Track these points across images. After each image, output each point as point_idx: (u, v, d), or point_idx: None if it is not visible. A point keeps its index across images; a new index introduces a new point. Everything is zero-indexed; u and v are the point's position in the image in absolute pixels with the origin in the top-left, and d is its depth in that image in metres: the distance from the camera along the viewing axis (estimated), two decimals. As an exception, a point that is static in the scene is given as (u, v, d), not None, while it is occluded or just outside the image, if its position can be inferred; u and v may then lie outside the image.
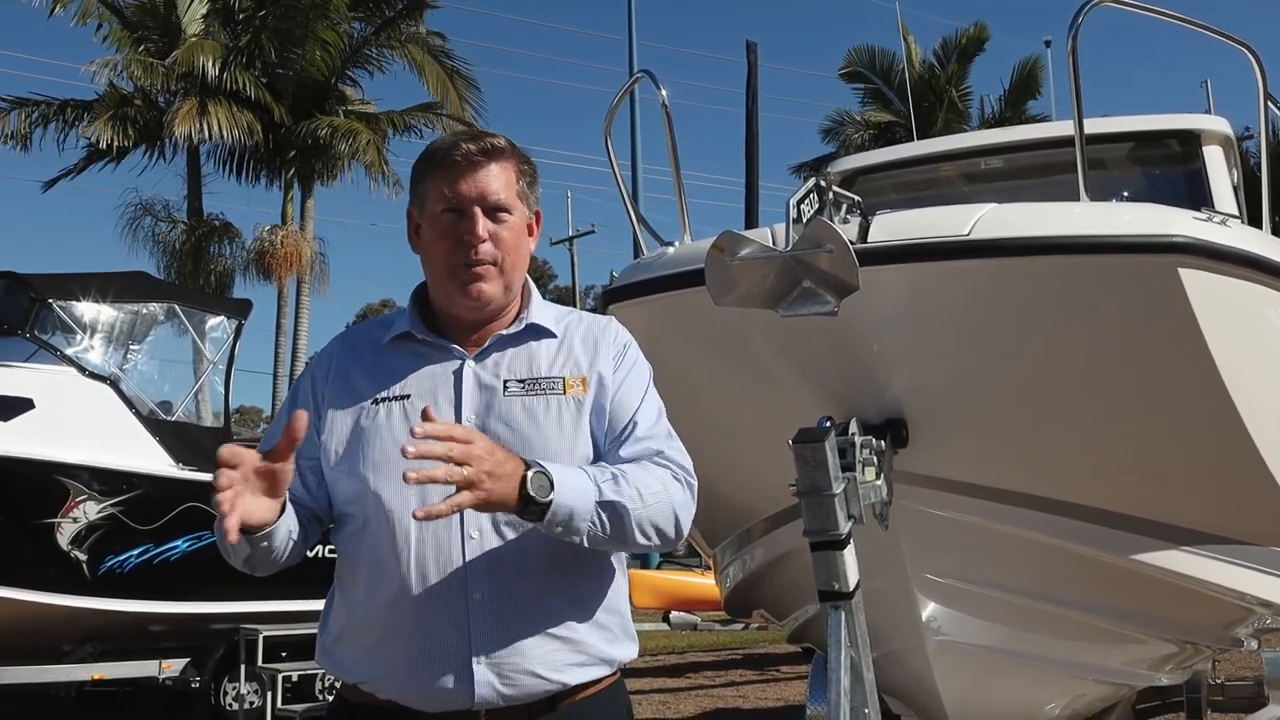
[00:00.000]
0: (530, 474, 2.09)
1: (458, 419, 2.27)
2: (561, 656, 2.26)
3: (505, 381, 2.33)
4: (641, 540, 2.26)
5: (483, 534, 2.23)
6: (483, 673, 2.20)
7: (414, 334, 2.37)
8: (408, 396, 2.31)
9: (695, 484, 2.37)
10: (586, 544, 2.19)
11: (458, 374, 2.33)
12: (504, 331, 2.37)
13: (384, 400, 2.31)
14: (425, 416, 2.05)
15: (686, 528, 2.35)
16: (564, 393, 2.32)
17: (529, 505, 2.09)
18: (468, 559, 2.22)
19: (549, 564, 2.26)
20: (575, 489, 2.15)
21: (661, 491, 2.27)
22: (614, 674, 2.37)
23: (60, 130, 23.73)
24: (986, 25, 31.87)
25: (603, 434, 2.34)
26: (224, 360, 11.36)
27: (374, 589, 2.26)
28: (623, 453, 2.31)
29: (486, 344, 2.36)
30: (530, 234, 2.42)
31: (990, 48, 31.90)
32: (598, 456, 2.32)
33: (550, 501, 2.10)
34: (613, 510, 2.19)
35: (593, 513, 2.17)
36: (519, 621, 2.22)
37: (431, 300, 2.41)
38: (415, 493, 2.21)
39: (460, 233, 2.30)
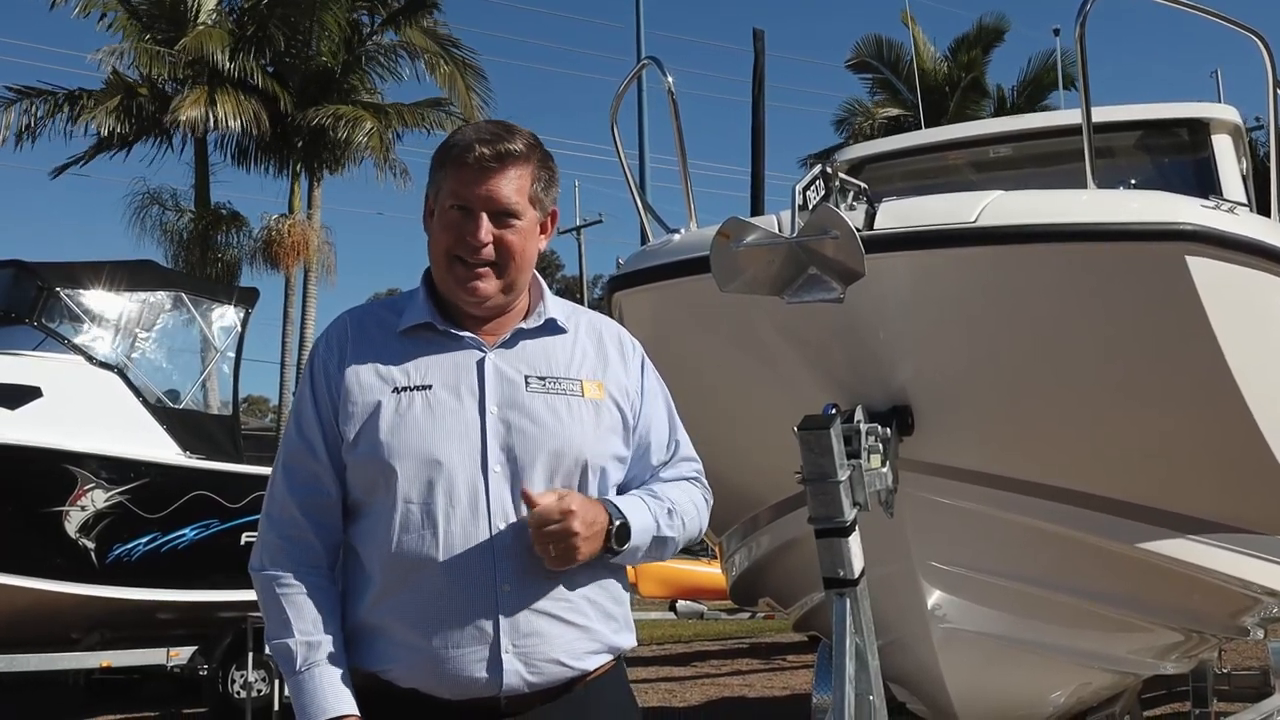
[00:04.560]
0: (614, 528, 2.31)
1: (481, 410, 2.31)
2: (580, 645, 2.32)
3: (527, 377, 2.37)
4: (671, 554, 2.54)
5: (509, 524, 2.27)
6: (511, 661, 2.24)
7: (434, 325, 2.39)
8: (429, 386, 2.33)
9: (711, 501, 2.61)
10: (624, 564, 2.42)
11: (480, 365, 2.36)
12: (524, 325, 2.41)
13: (405, 389, 2.32)
14: (527, 499, 2.24)
15: None
16: (582, 394, 2.38)
17: (606, 553, 2.32)
18: (495, 550, 2.25)
19: None
20: (641, 529, 2.37)
21: (697, 516, 2.53)
22: (616, 659, 2.44)
23: (69, 120, 23.68)
24: (1006, 15, 31.72)
25: (633, 446, 2.46)
26: (231, 349, 11.36)
27: (397, 580, 2.27)
28: (666, 474, 2.53)
29: (507, 337, 2.39)
30: (543, 233, 2.44)
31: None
32: (620, 461, 2.43)
33: (624, 550, 2.33)
34: (661, 543, 2.44)
35: (648, 546, 2.41)
36: (543, 611, 2.28)
37: (437, 287, 2.43)
38: (442, 484, 2.26)
39: (464, 231, 2.33)
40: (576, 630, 2.31)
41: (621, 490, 2.45)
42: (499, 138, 2.34)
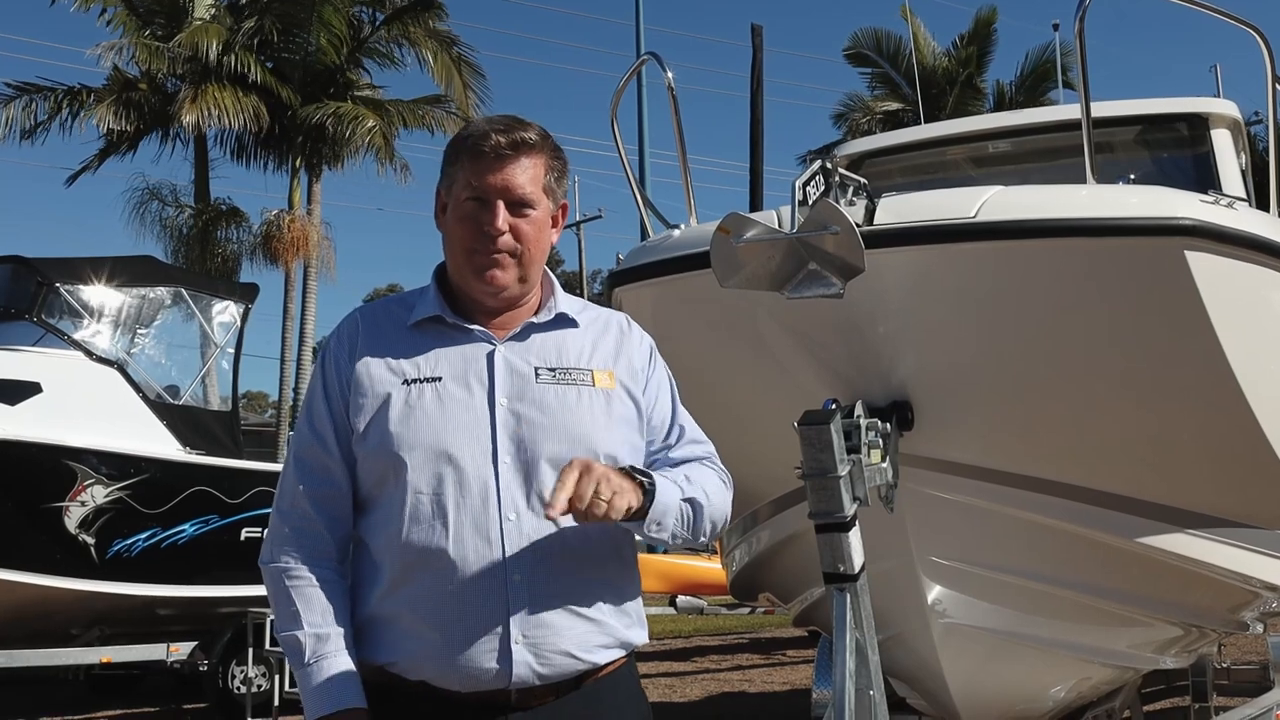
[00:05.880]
0: (633, 470, 2.25)
1: (490, 402, 2.32)
2: (592, 638, 2.31)
3: (537, 369, 2.37)
4: (706, 534, 2.43)
5: (519, 516, 2.27)
6: (520, 652, 2.24)
7: (444, 318, 2.39)
8: (439, 378, 2.33)
9: (731, 484, 2.54)
10: (670, 540, 2.34)
11: (490, 358, 2.36)
12: (534, 319, 2.42)
13: (415, 381, 2.33)
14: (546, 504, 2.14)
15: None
16: (593, 384, 2.38)
17: (644, 502, 2.23)
18: (506, 541, 2.25)
19: (581, 548, 2.31)
20: (664, 487, 2.28)
21: (719, 489, 2.47)
22: (628, 655, 2.43)
23: (68, 117, 23.66)
24: (995, 9, 31.78)
25: (644, 434, 2.45)
26: (231, 344, 11.37)
27: (407, 572, 2.27)
28: (674, 455, 2.48)
29: (518, 330, 2.40)
30: (554, 225, 2.45)
31: (1002, 33, 31.80)
32: (634, 450, 2.41)
33: (654, 494, 2.24)
34: (692, 506, 2.36)
35: (679, 508, 2.32)
36: (555, 603, 2.27)
37: (451, 282, 2.44)
38: (452, 476, 2.26)
39: (481, 222, 2.33)
40: (587, 623, 2.30)
41: None
42: (512, 127, 2.36)
